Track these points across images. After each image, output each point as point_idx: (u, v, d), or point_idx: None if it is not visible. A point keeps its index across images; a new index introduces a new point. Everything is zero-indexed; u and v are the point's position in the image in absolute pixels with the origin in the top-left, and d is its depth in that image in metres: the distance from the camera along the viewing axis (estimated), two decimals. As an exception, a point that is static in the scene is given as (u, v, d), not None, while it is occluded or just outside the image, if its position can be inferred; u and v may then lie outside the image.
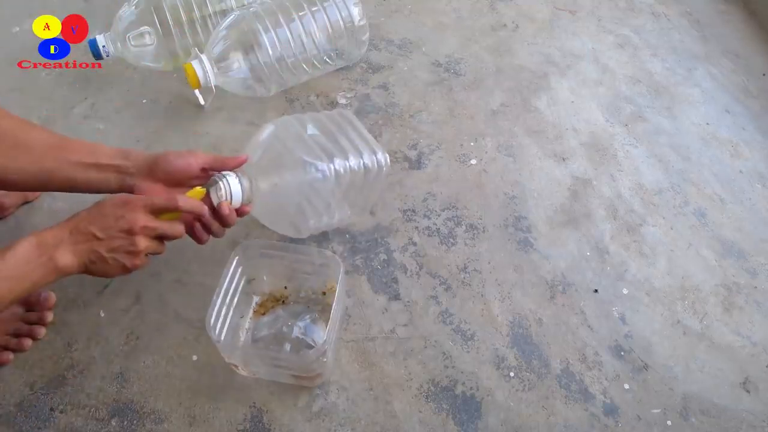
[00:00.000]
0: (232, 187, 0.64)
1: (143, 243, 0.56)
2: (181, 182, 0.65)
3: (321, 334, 0.67)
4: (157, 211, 0.58)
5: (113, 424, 0.64)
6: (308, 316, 0.69)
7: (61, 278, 0.54)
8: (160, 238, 0.59)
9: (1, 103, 0.95)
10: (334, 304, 0.63)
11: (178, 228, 0.60)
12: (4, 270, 0.49)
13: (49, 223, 0.79)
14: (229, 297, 0.65)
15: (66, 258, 0.53)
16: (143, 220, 0.56)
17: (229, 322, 0.65)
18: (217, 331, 0.61)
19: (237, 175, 0.65)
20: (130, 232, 0.55)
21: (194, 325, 0.71)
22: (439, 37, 1.14)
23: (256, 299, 0.73)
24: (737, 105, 1.06)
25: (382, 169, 0.73)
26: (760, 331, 0.75)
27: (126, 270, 0.58)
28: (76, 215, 0.56)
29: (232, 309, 0.66)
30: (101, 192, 0.64)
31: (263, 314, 0.71)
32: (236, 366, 0.65)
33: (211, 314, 0.60)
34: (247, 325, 0.70)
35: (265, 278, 0.73)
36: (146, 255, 0.59)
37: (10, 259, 0.50)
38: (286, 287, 0.74)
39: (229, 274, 0.65)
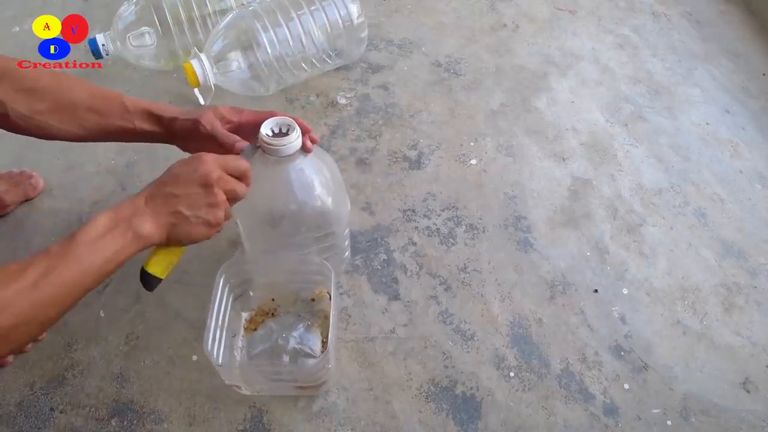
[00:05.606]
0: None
1: (222, 194, 0.55)
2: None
3: (317, 341, 0.67)
4: (227, 171, 0.56)
5: (113, 424, 0.64)
6: (302, 325, 0.67)
7: (146, 247, 0.53)
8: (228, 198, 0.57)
9: (1, 102, 0.96)
10: (331, 310, 0.62)
11: (244, 187, 0.58)
12: (83, 243, 0.49)
13: (49, 222, 0.80)
14: (221, 318, 0.63)
15: (146, 225, 0.52)
16: (218, 171, 0.54)
17: (224, 343, 0.63)
18: (215, 354, 0.60)
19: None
20: (207, 185, 0.53)
21: (194, 325, 0.71)
22: (439, 37, 1.14)
23: (245, 315, 0.71)
24: (737, 105, 1.06)
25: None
26: (760, 331, 0.75)
27: (210, 228, 0.55)
28: (148, 185, 0.55)
29: (225, 329, 0.64)
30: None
31: (254, 330, 0.69)
32: (239, 387, 0.64)
33: (208, 337, 0.58)
34: (240, 344, 0.69)
35: (251, 293, 0.71)
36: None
37: (90, 232, 0.50)
38: (273, 299, 0.72)
39: (218, 295, 0.63)
